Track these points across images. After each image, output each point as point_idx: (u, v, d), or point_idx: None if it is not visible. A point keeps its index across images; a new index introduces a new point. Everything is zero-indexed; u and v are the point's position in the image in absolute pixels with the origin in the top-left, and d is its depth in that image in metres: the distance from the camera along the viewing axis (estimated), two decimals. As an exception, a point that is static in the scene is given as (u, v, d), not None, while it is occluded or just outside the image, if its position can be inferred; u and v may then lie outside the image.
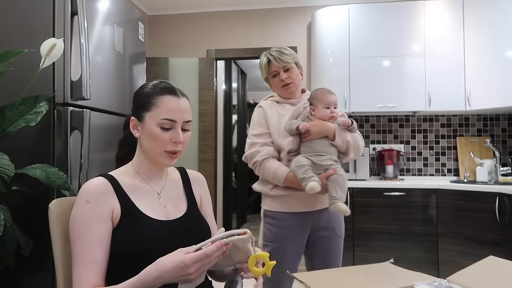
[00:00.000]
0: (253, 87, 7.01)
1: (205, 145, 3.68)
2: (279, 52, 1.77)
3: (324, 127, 1.67)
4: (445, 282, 0.97)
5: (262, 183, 1.79)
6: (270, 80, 1.83)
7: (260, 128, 1.75)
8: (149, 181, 1.11)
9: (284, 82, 1.75)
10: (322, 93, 1.72)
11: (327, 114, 1.69)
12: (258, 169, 1.73)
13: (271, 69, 1.78)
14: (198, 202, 1.21)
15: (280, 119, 1.73)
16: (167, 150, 1.05)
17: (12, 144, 1.60)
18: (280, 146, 1.70)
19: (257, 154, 1.71)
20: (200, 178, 1.26)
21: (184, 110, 1.07)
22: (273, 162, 1.69)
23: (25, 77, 1.62)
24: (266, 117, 1.75)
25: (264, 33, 3.79)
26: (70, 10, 1.71)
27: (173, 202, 1.13)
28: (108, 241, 0.99)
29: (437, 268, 2.95)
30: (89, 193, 1.00)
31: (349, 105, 3.29)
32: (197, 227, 1.13)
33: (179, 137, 1.04)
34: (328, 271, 1.17)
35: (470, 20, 3.18)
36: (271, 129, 1.72)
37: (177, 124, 1.05)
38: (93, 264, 0.96)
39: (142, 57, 2.40)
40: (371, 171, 3.53)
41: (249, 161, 1.75)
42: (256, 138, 1.74)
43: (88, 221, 0.98)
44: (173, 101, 1.06)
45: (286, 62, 1.75)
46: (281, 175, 1.66)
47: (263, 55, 1.83)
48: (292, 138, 1.69)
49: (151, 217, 1.04)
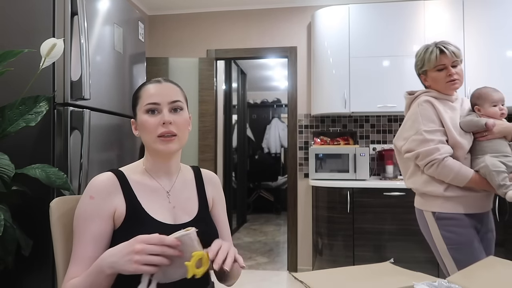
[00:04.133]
0: (253, 87, 7.01)
1: (205, 145, 3.67)
2: (449, 44, 1.67)
3: (507, 126, 1.62)
4: (445, 282, 0.97)
5: (430, 183, 1.65)
6: (430, 74, 1.72)
7: (432, 124, 1.63)
8: (158, 178, 1.10)
9: (452, 77, 1.66)
10: (487, 92, 1.67)
11: (497, 112, 1.63)
12: (436, 168, 1.59)
13: (441, 61, 1.66)
14: (210, 204, 1.18)
15: (449, 115, 1.64)
16: (159, 135, 1.03)
17: (12, 144, 1.60)
18: (459, 144, 1.60)
19: (436, 151, 1.58)
20: (213, 179, 1.23)
21: (167, 91, 1.07)
22: (454, 161, 1.59)
23: (25, 77, 1.62)
24: (439, 113, 1.64)
25: (264, 33, 3.79)
26: (70, 10, 1.71)
27: (183, 203, 1.11)
28: (104, 239, 0.99)
29: (437, 268, 2.95)
30: (94, 189, 1.01)
31: (349, 105, 3.29)
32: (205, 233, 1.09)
33: (165, 117, 1.03)
34: (328, 271, 1.17)
35: (470, 20, 3.18)
36: (447, 126, 1.62)
37: (162, 106, 1.05)
38: (82, 260, 0.96)
39: (142, 57, 2.40)
40: (371, 171, 3.53)
41: (423, 158, 1.62)
42: (430, 135, 1.61)
43: (88, 217, 0.98)
44: (154, 86, 1.08)
45: (458, 57, 1.66)
46: (465, 175, 1.57)
47: (429, 47, 1.72)
48: (469, 135, 1.62)
49: (157, 220, 1.02)
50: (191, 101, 3.85)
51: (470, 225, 1.62)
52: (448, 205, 1.63)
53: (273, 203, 6.71)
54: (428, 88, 1.76)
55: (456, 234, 1.62)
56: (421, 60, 1.74)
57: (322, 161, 3.29)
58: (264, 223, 5.93)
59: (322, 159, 3.29)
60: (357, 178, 3.22)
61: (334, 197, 3.09)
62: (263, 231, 5.38)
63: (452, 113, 1.67)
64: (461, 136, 1.61)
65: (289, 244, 3.67)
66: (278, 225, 5.76)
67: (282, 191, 6.49)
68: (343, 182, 3.10)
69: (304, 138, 3.69)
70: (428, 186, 1.66)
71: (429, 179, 1.65)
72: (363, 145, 3.59)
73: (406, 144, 1.70)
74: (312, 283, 0.98)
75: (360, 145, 3.57)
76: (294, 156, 3.70)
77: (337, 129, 3.63)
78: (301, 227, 3.64)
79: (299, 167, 3.69)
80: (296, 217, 3.67)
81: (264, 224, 5.82)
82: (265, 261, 3.94)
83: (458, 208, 1.62)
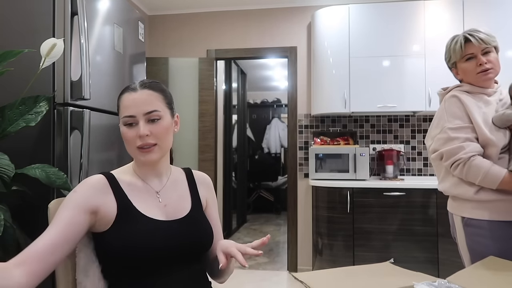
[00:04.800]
0: (253, 87, 7.01)
1: (205, 145, 3.67)
2: (478, 31, 1.54)
3: None
4: (445, 282, 0.97)
5: (460, 185, 1.51)
6: (460, 65, 1.59)
7: (458, 121, 1.49)
8: (147, 180, 1.10)
9: (483, 67, 1.51)
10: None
11: None
12: (461, 168, 1.46)
13: (468, 50, 1.54)
14: (204, 203, 1.18)
15: (482, 110, 1.49)
16: (138, 146, 1.04)
17: (12, 144, 1.60)
18: (490, 141, 1.44)
19: (461, 150, 1.45)
20: (206, 180, 1.23)
21: (141, 102, 1.04)
22: (482, 160, 1.43)
23: (25, 77, 1.62)
24: (467, 108, 1.49)
25: (264, 33, 3.79)
26: (70, 10, 1.71)
27: (175, 201, 1.11)
28: (72, 227, 0.94)
29: (437, 268, 2.95)
30: (79, 186, 1.01)
31: (349, 105, 3.29)
32: (199, 229, 1.10)
33: (139, 131, 1.02)
34: (328, 271, 1.17)
35: (470, 20, 3.18)
36: (476, 122, 1.46)
37: (138, 117, 1.03)
38: (38, 242, 0.91)
39: (142, 57, 2.40)
40: (371, 171, 3.53)
41: (448, 158, 1.50)
42: (455, 132, 1.48)
43: (64, 206, 0.97)
44: (128, 97, 1.06)
45: (487, 44, 1.52)
46: (496, 176, 1.40)
47: (455, 37, 1.60)
48: (503, 132, 1.46)
49: (148, 216, 1.03)
50: (191, 101, 3.87)
51: (502, 237, 1.43)
52: (478, 211, 1.47)
53: (273, 203, 6.71)
54: (461, 82, 1.63)
55: (482, 246, 1.44)
56: (448, 52, 1.63)
57: (322, 161, 3.29)
58: (264, 223, 5.93)
59: (322, 159, 3.29)
60: (357, 178, 3.22)
61: (334, 197, 3.09)
62: (263, 231, 5.38)
63: (486, 107, 1.50)
64: (492, 133, 1.45)
65: (289, 244, 3.67)
66: (278, 225, 5.76)
67: (282, 191, 6.49)
68: (343, 182, 3.10)
69: (304, 138, 3.69)
70: (458, 188, 1.52)
71: (458, 180, 1.52)
72: (363, 145, 3.59)
73: (433, 144, 1.59)
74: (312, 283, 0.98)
75: (360, 145, 3.57)
76: (294, 156, 3.70)
77: (337, 129, 3.63)
78: (301, 227, 3.65)
79: (299, 167, 3.69)
80: (296, 217, 3.67)
81: (264, 224, 5.82)
82: (265, 261, 3.94)
83: (490, 214, 1.44)
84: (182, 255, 1.04)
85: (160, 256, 0.99)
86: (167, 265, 1.01)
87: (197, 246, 1.08)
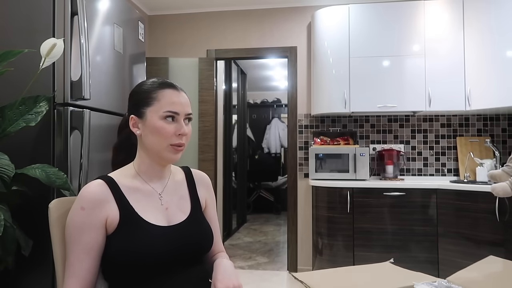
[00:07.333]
0: (253, 87, 7.01)
1: (205, 145, 3.67)
2: None
3: None
4: (445, 282, 0.97)
5: None
6: None
7: None
8: (150, 181, 1.10)
9: None
10: None
11: None
12: None
13: None
14: (203, 204, 1.18)
15: None
16: (172, 144, 1.04)
17: (12, 144, 1.60)
18: None
19: None
20: (205, 179, 1.23)
21: (185, 103, 1.09)
22: None
23: (25, 77, 1.62)
24: None
25: (264, 33, 3.79)
26: (70, 10, 1.71)
27: (176, 204, 1.11)
28: (97, 249, 0.99)
29: (437, 268, 2.95)
30: (84, 200, 0.99)
31: (349, 105, 3.29)
32: (199, 232, 1.11)
33: (183, 129, 1.04)
34: (328, 271, 1.17)
35: (470, 20, 3.18)
36: None
37: (180, 116, 1.05)
38: (78, 272, 0.97)
39: (142, 57, 2.40)
40: (371, 171, 3.53)
41: None
42: None
43: (79, 228, 0.98)
44: (174, 94, 1.07)
45: None
46: None
47: None
48: None
49: (151, 223, 1.02)
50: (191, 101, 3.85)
51: None
52: None
53: (273, 203, 6.71)
54: None
55: None
56: None
57: (322, 161, 3.29)
58: (264, 223, 5.93)
59: (322, 159, 3.29)
60: (357, 178, 3.22)
61: (334, 197, 3.09)
62: (263, 231, 5.38)
63: None
64: None
65: (289, 244, 3.67)
66: (278, 225, 5.76)
67: (282, 191, 6.49)
68: (343, 182, 3.10)
69: (304, 138, 3.69)
70: None
71: None
72: (363, 145, 3.59)
73: None
74: (312, 283, 0.98)
75: (360, 145, 3.57)
76: (294, 156, 3.70)
77: (337, 129, 3.63)
78: (301, 227, 3.65)
79: (299, 167, 3.69)
80: (296, 217, 3.67)
81: (264, 224, 5.82)
82: (265, 261, 3.94)
83: None
84: (183, 258, 1.04)
85: (161, 261, 1.00)
86: (168, 268, 1.01)
87: (197, 248, 1.09)
